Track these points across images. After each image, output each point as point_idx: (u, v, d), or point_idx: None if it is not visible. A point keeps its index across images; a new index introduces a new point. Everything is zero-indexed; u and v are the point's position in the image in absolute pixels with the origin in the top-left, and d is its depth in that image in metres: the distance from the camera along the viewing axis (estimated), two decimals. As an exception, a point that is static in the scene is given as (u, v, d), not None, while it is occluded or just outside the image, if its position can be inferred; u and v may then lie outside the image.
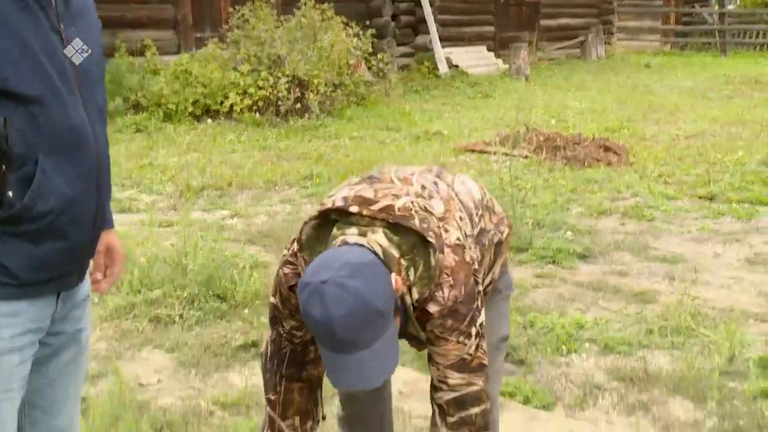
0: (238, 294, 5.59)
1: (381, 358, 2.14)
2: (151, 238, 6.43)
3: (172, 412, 4.06)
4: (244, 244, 7.17)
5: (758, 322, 5.62)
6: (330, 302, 2.03)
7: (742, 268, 6.94)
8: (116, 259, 2.46)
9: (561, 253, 7.04)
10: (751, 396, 4.37)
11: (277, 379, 2.53)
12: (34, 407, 2.18)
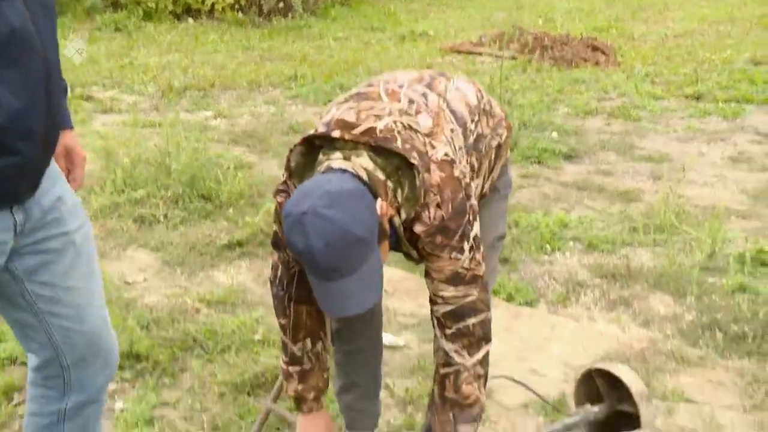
0: (223, 194, 5.60)
1: (365, 285, 2.17)
2: (134, 138, 6.40)
3: (158, 310, 4.11)
4: (228, 145, 7.15)
5: (739, 219, 5.69)
6: (311, 233, 2.05)
7: (725, 167, 6.98)
8: (77, 162, 2.35)
9: (546, 153, 7.06)
10: (730, 290, 4.45)
11: (286, 302, 2.55)
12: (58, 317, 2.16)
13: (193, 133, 6.32)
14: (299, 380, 2.60)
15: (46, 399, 2.28)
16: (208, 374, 3.57)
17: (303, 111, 8.60)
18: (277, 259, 2.52)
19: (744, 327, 4.02)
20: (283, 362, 2.63)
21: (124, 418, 3.20)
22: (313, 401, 2.64)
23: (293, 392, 2.62)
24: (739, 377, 3.67)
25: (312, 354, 2.59)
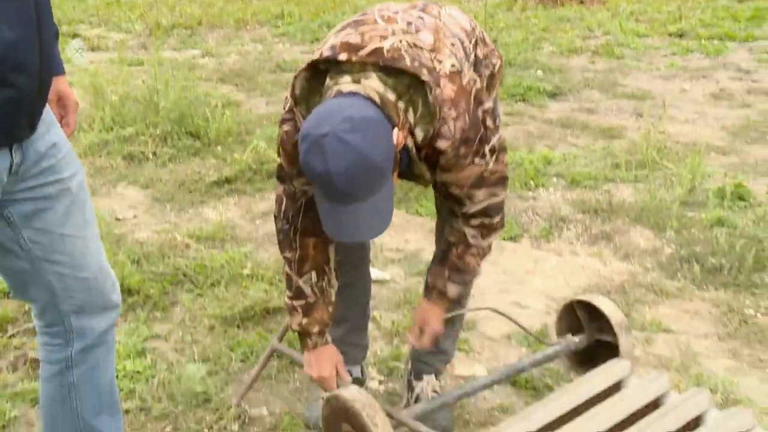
0: (211, 132, 5.58)
1: (377, 212, 2.16)
2: (122, 76, 6.34)
3: (148, 245, 4.11)
4: (215, 83, 7.11)
5: (719, 154, 5.72)
6: (330, 156, 2.01)
7: (707, 104, 6.99)
8: (70, 108, 2.36)
9: (531, 91, 7.05)
10: (708, 224, 4.48)
11: (292, 235, 2.53)
12: (54, 264, 2.14)
13: (181, 72, 6.28)
14: (303, 314, 2.58)
15: (51, 347, 2.29)
16: (198, 308, 3.59)
17: (290, 49, 8.54)
18: (282, 192, 2.50)
19: (721, 259, 4.06)
20: (287, 297, 2.61)
21: (116, 350, 3.21)
22: (317, 336, 2.61)
23: (297, 326, 2.60)
24: (714, 308, 3.72)
25: (317, 287, 2.57)
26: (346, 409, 2.47)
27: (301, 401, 3.02)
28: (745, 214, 4.60)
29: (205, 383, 3.02)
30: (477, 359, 3.32)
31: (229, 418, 2.89)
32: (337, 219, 2.15)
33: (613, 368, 2.75)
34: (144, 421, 2.89)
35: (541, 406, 2.54)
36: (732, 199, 4.78)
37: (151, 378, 3.10)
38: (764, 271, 4.01)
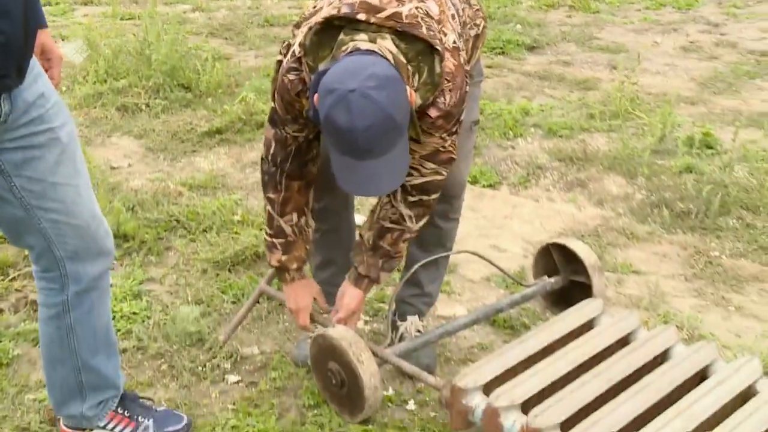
0: (202, 84, 5.51)
1: (392, 168, 2.14)
2: (114, 29, 6.24)
3: (143, 193, 4.08)
4: (206, 37, 7.01)
5: (688, 104, 5.71)
6: (355, 111, 2.00)
7: (677, 56, 6.96)
8: (54, 61, 2.30)
9: (510, 45, 7.00)
10: (677, 171, 4.48)
11: (278, 178, 2.52)
12: (47, 211, 2.13)
13: (172, 26, 6.17)
14: (283, 251, 2.61)
15: (48, 291, 2.29)
16: (191, 252, 3.58)
17: (278, 4, 8.43)
18: (272, 136, 2.47)
19: (689, 204, 4.08)
20: (267, 235, 2.63)
21: (113, 293, 3.20)
22: (295, 271, 2.66)
23: (277, 262, 2.64)
24: (682, 250, 3.74)
25: (297, 227, 2.59)
26: (332, 347, 2.48)
27: (290, 340, 3.03)
28: (712, 161, 4.60)
29: (199, 324, 3.02)
30: (458, 300, 3.33)
31: (221, 357, 2.90)
32: (351, 173, 2.13)
33: (586, 307, 2.77)
34: (141, 359, 2.90)
35: (519, 344, 2.56)
36: (700, 147, 4.79)
37: (147, 319, 3.10)
38: (729, 215, 4.03)
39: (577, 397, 2.31)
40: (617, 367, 2.45)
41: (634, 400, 2.31)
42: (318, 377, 2.65)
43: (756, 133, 4.92)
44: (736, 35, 7.66)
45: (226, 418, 2.59)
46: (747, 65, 6.66)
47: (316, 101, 2.10)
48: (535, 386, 2.36)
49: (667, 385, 2.39)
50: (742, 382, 2.42)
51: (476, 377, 2.40)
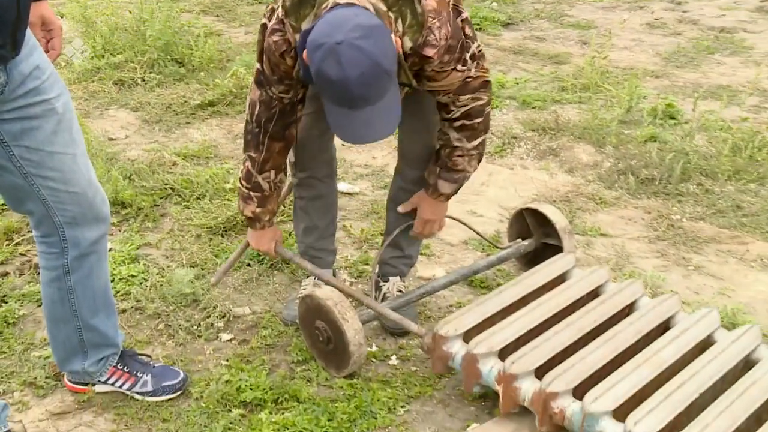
0: (195, 59, 5.46)
1: (386, 113, 2.11)
2: (111, 7, 6.16)
3: (139, 163, 4.05)
4: (198, 15, 6.94)
5: (653, 78, 5.70)
6: (346, 62, 1.96)
7: (643, 32, 6.95)
8: (54, 31, 2.25)
9: (487, 21, 6.96)
10: (642, 140, 4.48)
11: (260, 138, 2.47)
12: (45, 179, 2.10)
13: (166, 3, 6.09)
14: (258, 204, 2.59)
15: (49, 255, 2.27)
16: (186, 218, 3.56)
17: (266, -17, 8.35)
18: (257, 97, 2.41)
19: (653, 171, 4.08)
20: (243, 187, 2.59)
21: (112, 256, 3.19)
22: (267, 222, 2.67)
23: (251, 213, 2.62)
24: (646, 214, 3.75)
25: (273, 183, 2.57)
26: (319, 306, 2.48)
27: (279, 301, 3.02)
28: (675, 130, 4.61)
29: (193, 285, 3.01)
30: (437, 263, 3.33)
31: (215, 316, 2.89)
32: (348, 124, 2.10)
33: (559, 261, 2.77)
34: (139, 319, 2.89)
35: (496, 295, 2.55)
36: (663, 118, 4.79)
37: (144, 281, 3.09)
38: (690, 181, 4.04)
39: (550, 345, 2.32)
40: (588, 318, 2.46)
41: (603, 348, 2.32)
42: (306, 335, 2.65)
43: (714, 104, 4.93)
44: (698, 13, 7.64)
45: (219, 373, 2.59)
46: (707, 41, 6.65)
47: (306, 59, 2.07)
48: (512, 335, 2.37)
49: (634, 335, 2.40)
50: (702, 332, 2.44)
51: (456, 325, 2.41)
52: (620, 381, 2.18)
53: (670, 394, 2.14)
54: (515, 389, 2.23)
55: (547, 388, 2.16)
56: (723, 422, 2.05)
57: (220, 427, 2.35)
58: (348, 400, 2.47)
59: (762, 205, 3.83)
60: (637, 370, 2.22)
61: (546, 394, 2.16)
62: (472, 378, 2.32)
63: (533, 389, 2.21)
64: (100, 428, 2.37)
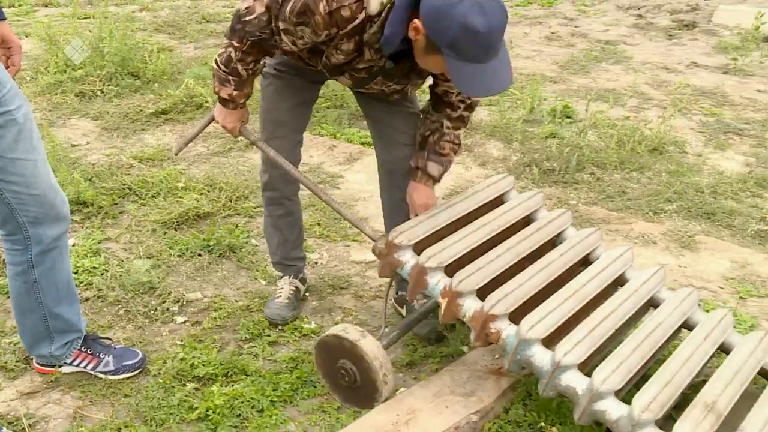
0: (149, 72, 5.32)
1: (505, 64, 1.95)
2: (72, 27, 5.97)
3: (99, 166, 3.92)
4: (151, 33, 6.77)
5: (552, 83, 5.76)
6: (489, 12, 1.82)
7: (542, 44, 7.02)
8: (14, 49, 2.16)
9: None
10: (544, 136, 4.52)
11: (245, 38, 2.17)
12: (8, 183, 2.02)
13: (122, 23, 5.94)
14: (235, 87, 2.33)
15: (14, 251, 2.19)
16: (142, 215, 3.45)
17: (214, 3, 8.20)
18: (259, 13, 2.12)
19: (553, 163, 4.12)
20: (221, 70, 2.30)
21: (75, 251, 3.08)
22: (240, 104, 2.40)
23: (227, 95, 2.35)
24: (548, 200, 3.78)
25: (252, 70, 2.31)
26: (359, 357, 2.23)
27: (228, 286, 2.96)
28: (570, 128, 4.66)
29: (150, 275, 2.92)
30: (369, 248, 3.30)
31: (170, 301, 2.81)
32: (479, 78, 1.92)
33: (500, 182, 2.67)
34: (101, 306, 2.79)
35: (445, 209, 2.45)
36: (561, 117, 4.84)
37: (105, 272, 2.99)
38: (584, 171, 4.09)
39: (491, 267, 2.26)
40: (524, 244, 2.40)
41: (537, 276, 2.27)
42: (323, 367, 2.38)
43: (603, 105, 5.00)
44: (587, 28, 7.76)
45: (175, 352, 2.52)
46: (595, 51, 6.76)
47: (419, 26, 1.91)
48: (458, 252, 2.29)
49: (563, 266, 2.37)
50: (619, 269, 2.42)
51: (409, 236, 2.30)
52: (551, 312, 2.14)
53: (594, 329, 2.11)
54: (458, 305, 2.17)
55: (489, 311, 2.11)
56: (634, 360, 2.05)
57: (176, 399, 2.29)
58: (290, 372, 2.43)
59: (642, 190, 3.90)
60: (566, 303, 2.19)
61: (486, 315, 2.11)
62: (419, 287, 2.24)
63: (474, 308, 2.15)
64: (68, 405, 2.29)
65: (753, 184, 4.00)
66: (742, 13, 7.64)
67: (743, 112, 5.17)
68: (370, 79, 2.25)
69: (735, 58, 6.43)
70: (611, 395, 1.96)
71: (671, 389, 1.98)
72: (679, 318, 2.27)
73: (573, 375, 2.02)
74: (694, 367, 2.08)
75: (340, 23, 2.00)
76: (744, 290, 3.01)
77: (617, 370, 2.00)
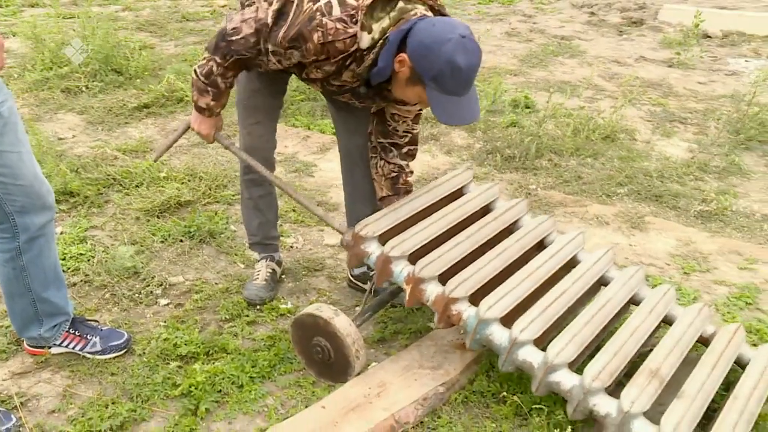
0: (131, 69, 5.22)
1: (476, 99, 2.03)
2: (57, 27, 5.84)
3: (85, 158, 3.85)
4: (133, 31, 6.66)
5: (512, 76, 5.77)
6: (471, 52, 1.90)
7: (503, 39, 7.02)
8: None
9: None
10: (505, 126, 4.53)
11: (229, 56, 2.16)
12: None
13: (105, 23, 5.81)
14: (213, 98, 2.32)
15: (2, 239, 2.15)
16: (126, 204, 3.41)
17: (193, 3, 8.08)
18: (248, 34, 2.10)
19: (514, 151, 4.12)
20: (201, 81, 2.29)
21: (63, 238, 3.04)
22: (216, 112, 2.40)
23: (204, 105, 2.34)
24: (510, 185, 3.79)
25: (230, 83, 2.30)
26: (332, 334, 2.21)
27: (208, 270, 2.93)
28: (530, 117, 4.67)
29: (134, 260, 2.89)
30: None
31: (153, 285, 2.78)
32: (455, 109, 1.98)
33: (459, 176, 2.69)
34: (88, 290, 2.76)
35: (407, 203, 2.46)
36: (521, 107, 4.85)
37: (92, 258, 2.95)
38: (542, 158, 4.11)
39: (451, 255, 2.28)
40: (482, 232, 2.42)
41: (495, 261, 2.29)
42: (300, 345, 2.35)
43: (560, 97, 5.01)
44: (544, 24, 7.77)
45: (159, 333, 2.49)
46: (552, 46, 6.77)
47: (405, 60, 1.97)
48: (420, 241, 2.30)
49: (519, 250, 2.39)
50: (570, 252, 2.44)
51: (374, 228, 2.32)
52: (508, 293, 2.16)
53: (547, 307, 2.14)
54: (421, 290, 2.18)
55: (450, 294, 2.12)
56: (585, 333, 2.08)
57: (160, 377, 2.26)
58: (268, 350, 2.42)
59: (596, 175, 3.92)
60: (521, 284, 2.21)
61: (448, 299, 2.12)
62: (384, 276, 2.25)
63: (436, 292, 2.16)
64: (57, 384, 2.26)
65: (696, 168, 4.04)
66: (683, 12, 7.70)
67: (686, 103, 5.22)
68: (339, 94, 2.29)
69: (678, 52, 6.48)
70: (564, 367, 1.98)
71: (619, 359, 2.01)
72: (627, 294, 2.30)
73: (529, 350, 2.04)
74: (641, 337, 2.11)
75: (332, 53, 2.05)
76: (688, 266, 3.05)
77: (570, 343, 2.02)
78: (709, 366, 2.04)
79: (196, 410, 2.15)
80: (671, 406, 1.88)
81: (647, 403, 1.87)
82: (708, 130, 4.67)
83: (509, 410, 2.13)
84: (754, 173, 4.04)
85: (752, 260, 3.11)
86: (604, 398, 1.91)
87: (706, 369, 2.03)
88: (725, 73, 6.01)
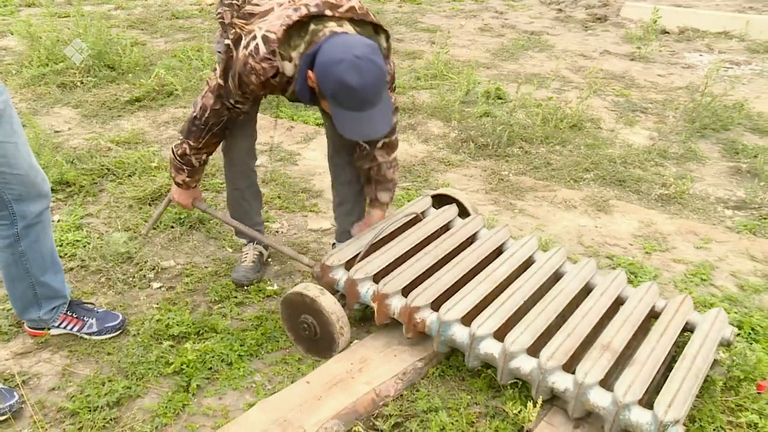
0: (124, 64, 5.15)
1: (384, 113, 2.01)
2: (52, 25, 5.74)
3: (80, 149, 3.80)
4: (125, 29, 6.56)
5: (485, 68, 5.75)
6: (365, 72, 1.88)
7: (476, 34, 7.00)
8: None
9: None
10: (478, 116, 4.52)
11: (203, 134, 2.28)
12: None
13: (98, 21, 5.72)
14: (188, 175, 2.41)
15: (1, 226, 2.12)
16: (120, 192, 3.37)
17: (182, 2, 7.98)
18: (211, 105, 2.22)
19: (487, 139, 4.12)
20: (177, 160, 2.37)
21: (60, 226, 3.00)
22: (193, 186, 2.49)
23: (181, 180, 2.43)
24: (483, 172, 3.79)
25: (203, 161, 2.40)
26: (318, 311, 2.21)
27: (198, 254, 2.91)
28: (502, 107, 4.67)
29: (128, 246, 2.86)
30: (324, 218, 3.27)
31: (146, 269, 2.75)
32: (355, 124, 1.98)
33: (418, 203, 2.71)
34: (84, 275, 2.73)
35: (370, 231, 2.46)
36: (493, 98, 4.85)
37: (87, 244, 2.91)
38: (514, 145, 4.11)
39: (413, 270, 2.30)
40: (441, 247, 2.45)
41: (453, 270, 2.32)
42: (288, 322, 2.34)
43: (530, 88, 5.02)
44: (514, 20, 7.75)
45: (152, 314, 2.47)
46: (522, 41, 6.76)
47: (312, 78, 1.98)
48: (383, 263, 2.33)
49: (476, 258, 2.41)
50: (525, 254, 2.48)
51: (339, 257, 2.35)
52: (466, 295, 2.18)
53: (503, 303, 2.16)
54: (387, 305, 2.21)
55: (412, 303, 2.15)
56: (539, 322, 2.09)
57: (154, 356, 2.25)
58: (256, 329, 2.41)
59: (564, 161, 3.93)
60: (478, 287, 2.23)
61: (410, 308, 2.15)
62: (353, 298, 2.28)
63: (401, 305, 2.19)
64: (57, 363, 2.24)
65: (656, 154, 4.07)
66: (643, 9, 7.73)
67: (647, 93, 5.24)
68: (304, 104, 2.30)
69: (639, 47, 6.50)
70: (523, 353, 2.00)
71: (573, 339, 2.03)
72: (580, 283, 2.32)
73: (489, 343, 2.05)
74: (593, 319, 2.13)
75: (270, 86, 2.10)
76: (649, 246, 3.07)
77: (525, 331, 2.05)
78: (658, 333, 2.08)
79: (188, 387, 2.14)
80: (624, 372, 1.91)
81: (601, 374, 1.89)
82: (667, 119, 4.69)
83: (483, 383, 2.14)
84: (708, 159, 4.07)
85: (707, 240, 3.14)
86: (561, 375, 1.93)
87: (655, 336, 2.06)
88: (682, 66, 6.04)
